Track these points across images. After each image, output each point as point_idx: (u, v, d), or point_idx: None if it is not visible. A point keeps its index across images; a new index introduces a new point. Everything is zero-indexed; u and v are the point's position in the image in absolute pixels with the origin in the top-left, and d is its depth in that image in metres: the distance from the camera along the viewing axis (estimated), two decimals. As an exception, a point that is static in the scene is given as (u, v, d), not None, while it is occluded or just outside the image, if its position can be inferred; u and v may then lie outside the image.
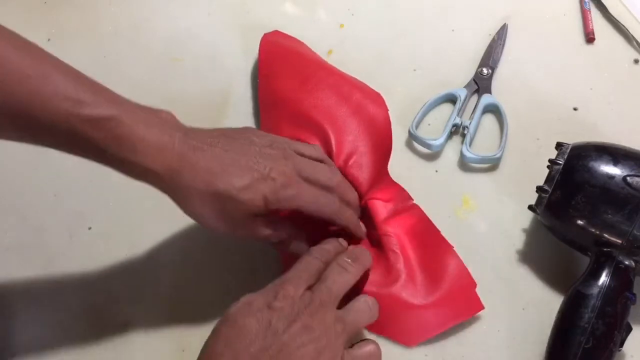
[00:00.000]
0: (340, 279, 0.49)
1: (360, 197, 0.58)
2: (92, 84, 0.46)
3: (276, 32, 0.69)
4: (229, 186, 0.48)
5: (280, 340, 0.44)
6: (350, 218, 0.54)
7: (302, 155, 0.53)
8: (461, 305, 0.54)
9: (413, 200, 0.59)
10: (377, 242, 0.56)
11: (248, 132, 0.53)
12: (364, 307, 0.49)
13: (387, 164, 0.60)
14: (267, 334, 0.44)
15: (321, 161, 0.55)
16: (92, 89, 0.46)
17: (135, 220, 0.60)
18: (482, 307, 0.53)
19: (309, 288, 0.48)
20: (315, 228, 0.54)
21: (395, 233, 0.56)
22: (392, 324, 0.53)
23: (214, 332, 0.45)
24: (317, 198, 0.51)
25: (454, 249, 0.56)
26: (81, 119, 0.44)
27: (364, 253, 0.53)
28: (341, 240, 0.54)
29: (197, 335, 0.46)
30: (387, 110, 0.62)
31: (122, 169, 0.47)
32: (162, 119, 0.48)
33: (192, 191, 0.48)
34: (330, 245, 0.52)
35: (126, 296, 0.56)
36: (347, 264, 0.50)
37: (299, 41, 0.69)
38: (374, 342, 0.49)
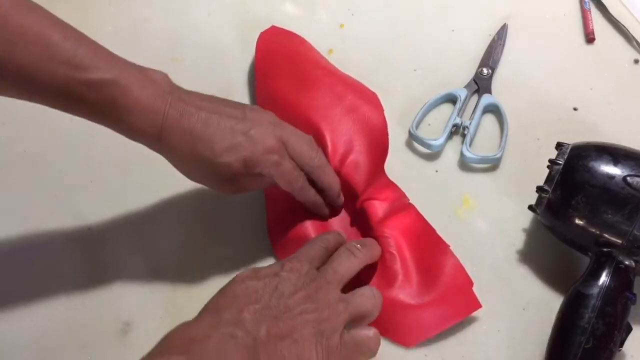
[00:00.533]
0: (347, 262, 0.50)
1: (356, 197, 0.58)
2: (90, 46, 0.48)
3: (274, 28, 0.69)
4: (208, 151, 0.49)
5: (284, 303, 0.45)
6: (311, 198, 0.55)
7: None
8: (459, 304, 0.53)
9: (409, 199, 0.59)
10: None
11: (244, 104, 0.54)
12: (368, 293, 0.50)
13: (383, 163, 0.60)
14: (273, 295, 0.45)
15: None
16: (90, 51, 0.47)
17: (135, 220, 0.60)
18: (480, 306, 0.53)
19: (316, 269, 0.49)
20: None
21: (392, 234, 0.56)
22: (390, 324, 0.53)
23: (221, 290, 0.46)
24: (290, 172, 0.53)
25: (451, 248, 0.56)
26: (79, 82, 0.46)
27: (373, 243, 0.54)
28: (341, 232, 0.55)
29: (197, 335, 0.46)
30: (383, 110, 0.62)
31: (117, 128, 0.49)
32: (156, 80, 0.49)
33: (177, 154, 0.50)
34: (330, 235, 0.53)
35: (126, 296, 0.56)
36: (355, 249, 0.52)
37: (297, 36, 0.69)
38: (374, 328, 0.49)
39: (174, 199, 0.61)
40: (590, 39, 0.69)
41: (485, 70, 0.67)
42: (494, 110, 0.65)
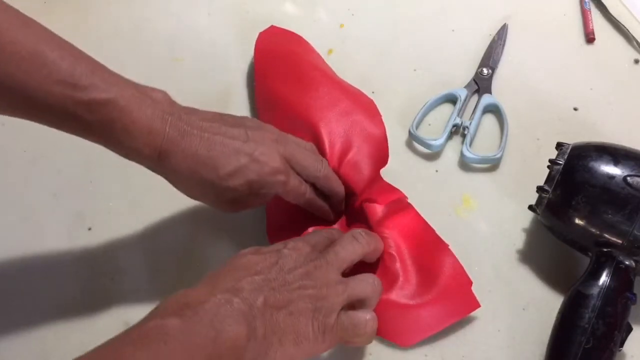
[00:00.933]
0: (350, 247, 0.50)
1: (355, 197, 0.57)
2: (88, 63, 0.46)
3: (273, 28, 0.69)
4: (213, 175, 0.49)
5: (283, 277, 0.46)
6: (318, 206, 0.56)
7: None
8: (457, 304, 0.53)
9: (407, 199, 0.59)
10: None
11: (244, 118, 0.54)
12: (368, 279, 0.50)
13: (382, 167, 0.60)
14: (273, 269, 0.46)
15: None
16: (88, 69, 0.46)
17: (135, 220, 0.60)
18: (479, 305, 0.53)
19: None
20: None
21: (391, 234, 0.56)
22: (388, 324, 0.53)
23: (222, 264, 0.47)
24: (297, 189, 0.53)
25: (450, 247, 0.56)
26: (76, 102, 0.45)
27: (377, 236, 0.54)
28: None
29: (197, 335, 0.46)
30: (381, 116, 0.62)
31: (115, 148, 0.48)
32: (155, 100, 0.48)
33: (179, 176, 0.50)
34: (334, 230, 0.54)
35: (126, 296, 0.56)
36: (359, 235, 0.52)
37: (295, 36, 0.69)
38: (372, 312, 0.49)
39: (174, 200, 0.60)
40: (590, 39, 0.69)
41: (485, 70, 0.67)
42: (494, 110, 0.65)
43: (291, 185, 0.52)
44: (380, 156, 0.60)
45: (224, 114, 0.53)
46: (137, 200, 0.61)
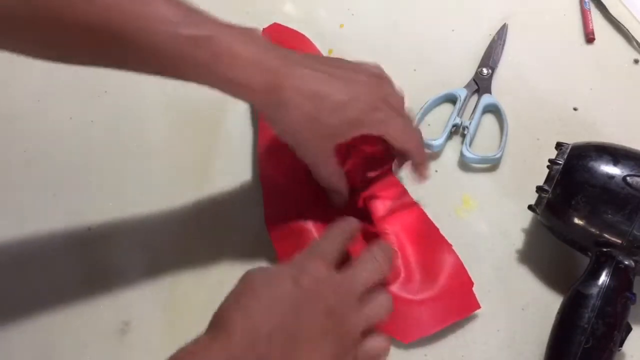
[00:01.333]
0: (370, 267, 0.47)
1: (359, 195, 0.57)
2: (186, 5, 0.47)
3: (275, 25, 0.69)
4: (322, 106, 0.49)
5: (303, 321, 0.42)
6: (424, 154, 0.56)
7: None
8: (458, 304, 0.54)
9: (412, 198, 0.59)
10: (375, 240, 0.56)
11: (337, 58, 0.54)
12: (384, 302, 0.47)
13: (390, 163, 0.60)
14: (291, 313, 0.42)
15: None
16: (187, 10, 0.47)
17: (135, 220, 0.60)
18: (479, 307, 0.53)
19: (336, 268, 0.46)
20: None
21: (393, 231, 0.56)
22: (388, 319, 0.53)
23: (232, 298, 0.43)
24: (405, 128, 0.53)
25: (453, 247, 0.56)
26: (181, 39, 0.45)
27: (391, 250, 0.51)
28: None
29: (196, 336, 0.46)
30: None
31: (220, 85, 0.48)
32: (255, 37, 0.49)
33: (288, 108, 0.48)
34: (344, 223, 0.50)
35: (126, 295, 0.56)
36: (381, 256, 0.48)
37: (298, 33, 0.69)
38: (385, 337, 0.46)
39: (174, 199, 0.61)
40: (590, 39, 0.69)
41: (485, 70, 0.67)
42: (494, 110, 0.65)
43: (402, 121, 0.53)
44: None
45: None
46: (136, 200, 0.61)
